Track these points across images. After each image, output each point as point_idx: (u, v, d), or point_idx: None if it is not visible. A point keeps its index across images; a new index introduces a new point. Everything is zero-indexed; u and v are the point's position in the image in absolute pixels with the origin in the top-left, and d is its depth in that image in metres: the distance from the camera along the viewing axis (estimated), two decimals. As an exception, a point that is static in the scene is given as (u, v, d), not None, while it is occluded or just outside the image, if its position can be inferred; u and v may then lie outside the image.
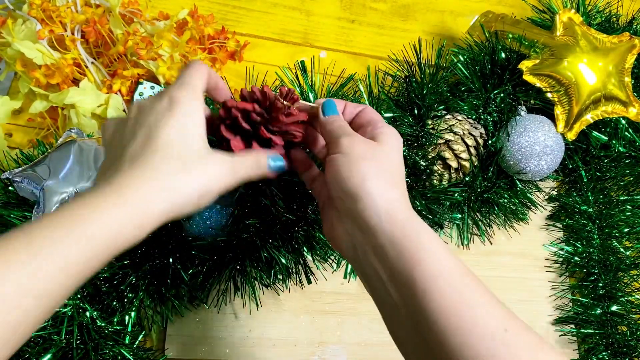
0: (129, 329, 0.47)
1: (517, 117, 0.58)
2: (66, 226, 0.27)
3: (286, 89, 0.39)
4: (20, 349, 0.41)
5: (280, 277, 0.51)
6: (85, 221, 0.28)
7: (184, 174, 0.32)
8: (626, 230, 0.61)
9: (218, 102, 0.40)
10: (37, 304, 0.26)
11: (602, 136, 0.61)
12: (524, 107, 0.58)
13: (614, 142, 0.61)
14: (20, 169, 0.44)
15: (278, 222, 0.48)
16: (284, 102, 0.38)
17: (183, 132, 0.33)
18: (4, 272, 0.25)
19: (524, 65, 0.56)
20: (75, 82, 0.55)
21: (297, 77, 0.53)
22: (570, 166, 0.63)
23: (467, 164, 0.55)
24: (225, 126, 0.38)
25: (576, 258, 0.61)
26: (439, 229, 0.57)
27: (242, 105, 0.38)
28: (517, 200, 0.60)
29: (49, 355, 0.42)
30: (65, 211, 0.28)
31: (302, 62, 0.53)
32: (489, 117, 0.58)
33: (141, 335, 0.48)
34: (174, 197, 0.31)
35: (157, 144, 0.32)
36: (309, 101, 0.49)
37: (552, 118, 0.58)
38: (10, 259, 0.26)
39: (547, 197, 0.64)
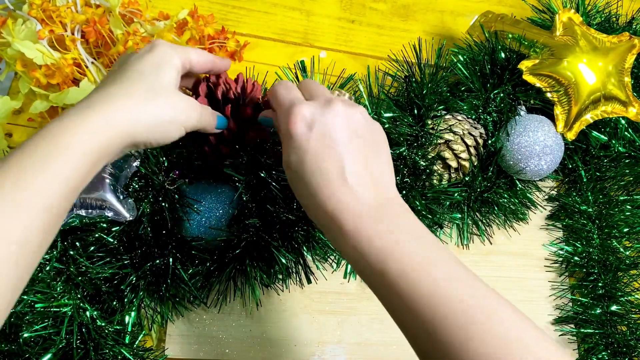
0: (129, 329, 0.47)
1: (517, 117, 0.58)
2: (45, 145, 0.30)
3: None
4: (20, 349, 0.41)
5: (280, 277, 0.51)
6: (56, 141, 0.30)
7: (150, 99, 0.34)
8: (626, 230, 0.61)
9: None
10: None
11: (602, 136, 0.61)
12: (523, 107, 0.58)
13: (613, 142, 0.61)
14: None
15: (278, 222, 0.48)
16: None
17: (156, 68, 0.35)
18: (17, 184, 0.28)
19: (524, 65, 0.56)
20: (76, 82, 0.55)
21: (296, 77, 0.53)
22: (570, 166, 0.63)
23: (466, 163, 0.55)
24: (206, 86, 0.44)
25: (576, 258, 0.61)
26: (439, 229, 0.57)
27: (230, 80, 0.44)
28: (516, 200, 0.60)
29: (49, 355, 0.42)
30: (37, 137, 0.30)
31: (302, 62, 0.54)
32: (488, 117, 0.58)
33: (141, 335, 0.48)
34: (138, 118, 0.33)
35: (129, 73, 0.34)
36: None
37: (551, 118, 0.58)
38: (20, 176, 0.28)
39: (546, 197, 0.64)
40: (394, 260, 0.31)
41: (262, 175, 0.47)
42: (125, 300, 0.46)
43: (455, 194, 0.56)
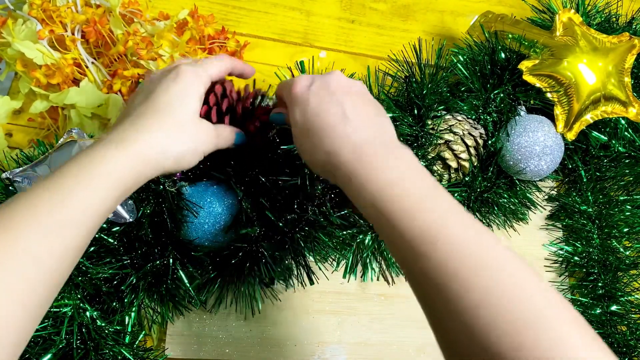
0: (129, 329, 0.47)
1: (517, 117, 0.58)
2: (85, 172, 0.32)
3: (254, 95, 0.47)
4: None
5: (282, 277, 0.51)
6: (94, 168, 0.33)
7: (178, 133, 0.37)
8: (626, 230, 0.61)
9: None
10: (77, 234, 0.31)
11: (602, 136, 0.61)
12: (523, 107, 0.58)
13: (613, 142, 0.61)
14: (21, 169, 0.44)
15: (278, 228, 0.48)
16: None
17: (182, 99, 0.38)
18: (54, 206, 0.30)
19: (524, 65, 0.56)
20: (76, 82, 0.55)
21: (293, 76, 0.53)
22: (570, 166, 0.63)
23: (466, 164, 0.55)
24: (214, 96, 0.45)
25: (576, 258, 0.61)
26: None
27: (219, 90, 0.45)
28: (516, 200, 0.60)
29: (49, 356, 0.42)
30: (77, 161, 0.33)
31: (302, 62, 0.54)
32: (488, 117, 0.58)
33: (141, 335, 0.48)
34: (167, 150, 0.36)
35: (157, 104, 0.37)
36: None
37: (551, 118, 0.58)
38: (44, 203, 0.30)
39: (546, 197, 0.64)
40: (391, 193, 0.32)
41: (262, 180, 0.47)
42: (125, 300, 0.46)
43: (455, 194, 0.56)
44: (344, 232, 0.51)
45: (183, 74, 0.39)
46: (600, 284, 0.59)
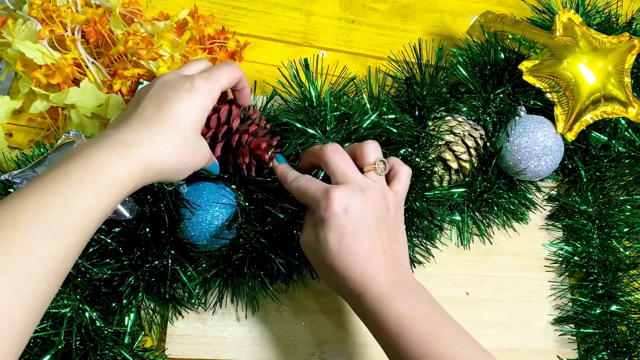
0: (129, 330, 0.47)
1: (517, 117, 0.58)
2: (84, 175, 0.32)
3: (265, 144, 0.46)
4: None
5: (282, 277, 0.51)
6: (99, 170, 0.33)
7: (182, 148, 0.37)
8: (626, 230, 0.61)
9: (237, 105, 0.46)
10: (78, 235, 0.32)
11: (602, 136, 0.61)
12: (523, 108, 0.58)
13: (613, 142, 0.61)
14: (20, 170, 0.44)
15: (277, 225, 0.48)
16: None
17: (193, 114, 0.38)
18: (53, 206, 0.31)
19: (524, 65, 0.56)
20: (76, 82, 0.55)
21: (297, 74, 0.53)
22: (570, 166, 0.63)
23: (467, 165, 0.55)
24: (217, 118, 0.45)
25: (576, 258, 0.61)
26: (439, 231, 0.57)
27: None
28: (516, 201, 0.60)
29: (48, 356, 0.42)
30: (82, 160, 0.33)
31: (306, 59, 0.53)
32: (488, 118, 0.58)
33: (141, 336, 0.48)
34: (169, 162, 0.37)
35: (169, 115, 0.37)
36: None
37: (551, 118, 0.58)
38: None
39: (546, 197, 0.64)
40: (408, 326, 0.36)
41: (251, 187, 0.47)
42: (125, 301, 0.46)
43: (456, 195, 0.56)
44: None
45: (197, 89, 0.38)
46: (600, 284, 0.59)
